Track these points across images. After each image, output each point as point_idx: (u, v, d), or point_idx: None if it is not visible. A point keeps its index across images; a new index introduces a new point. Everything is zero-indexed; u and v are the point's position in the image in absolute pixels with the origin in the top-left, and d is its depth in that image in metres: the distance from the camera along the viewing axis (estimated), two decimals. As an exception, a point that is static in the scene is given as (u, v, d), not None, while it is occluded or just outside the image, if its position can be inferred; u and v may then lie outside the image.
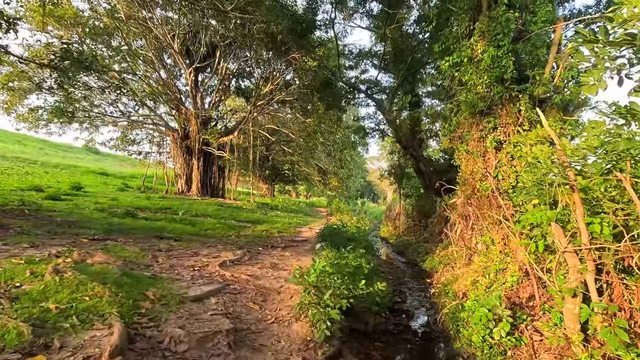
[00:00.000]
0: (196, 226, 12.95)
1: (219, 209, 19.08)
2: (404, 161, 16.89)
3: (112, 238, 7.72)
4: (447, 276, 8.38)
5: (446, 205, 10.64)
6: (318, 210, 39.32)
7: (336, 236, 11.11)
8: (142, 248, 6.95)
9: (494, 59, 6.25)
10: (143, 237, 8.49)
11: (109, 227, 9.18)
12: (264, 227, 15.01)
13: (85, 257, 5.21)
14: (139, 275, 4.78)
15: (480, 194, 6.45)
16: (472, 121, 6.96)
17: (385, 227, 22.05)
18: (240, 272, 5.95)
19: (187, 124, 25.55)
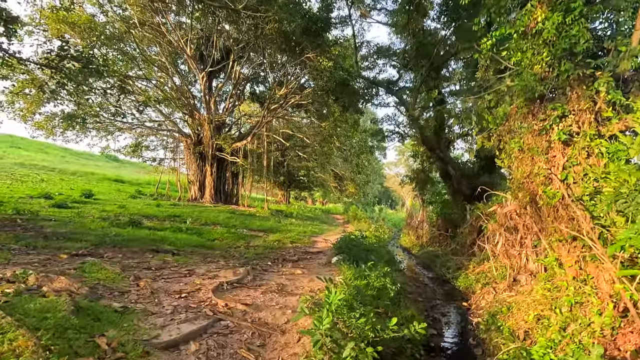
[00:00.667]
0: (203, 236, 11.93)
1: (231, 217, 18.09)
2: (428, 165, 15.47)
3: (99, 253, 6.69)
4: (487, 299, 6.96)
5: (481, 213, 9.21)
6: (334, 217, 37.99)
7: (355, 249, 9.82)
8: (127, 266, 5.87)
9: (559, 27, 4.90)
10: (137, 251, 7.45)
11: (103, 238, 8.20)
12: (276, 236, 13.87)
13: (44, 283, 4.14)
14: (102, 310, 3.65)
15: (544, 202, 5.07)
16: (527, 110, 5.61)
17: (407, 236, 20.54)
18: (238, 300, 4.77)
19: (201, 130, 24.87)
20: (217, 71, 26.21)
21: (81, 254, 6.39)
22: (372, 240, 14.09)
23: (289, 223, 20.74)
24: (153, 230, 11.11)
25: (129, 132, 27.12)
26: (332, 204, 62.86)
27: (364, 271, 7.46)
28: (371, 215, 32.43)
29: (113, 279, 4.93)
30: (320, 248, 12.50)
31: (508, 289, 6.65)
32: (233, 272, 6.21)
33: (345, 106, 19.27)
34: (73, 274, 4.84)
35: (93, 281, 4.69)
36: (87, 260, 5.64)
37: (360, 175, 31.27)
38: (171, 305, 4.26)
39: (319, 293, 5.44)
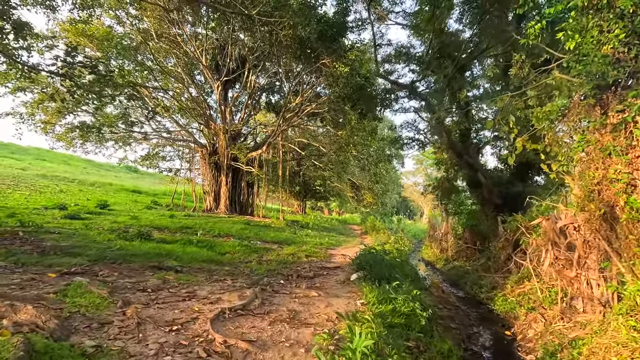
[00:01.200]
0: (214, 249, 11.22)
1: (245, 228, 17.41)
2: (453, 173, 14.37)
3: (94, 271, 6.02)
4: (536, 328, 5.88)
5: (520, 226, 8.14)
6: (351, 228, 36.89)
7: (376, 265, 8.87)
8: (119, 287, 5.16)
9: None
10: (137, 268, 6.75)
11: (104, 253, 7.57)
12: (291, 249, 13.04)
13: (6, 314, 3.43)
14: (66, 353, 2.88)
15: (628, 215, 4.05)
16: (595, 102, 4.63)
17: (429, 248, 19.33)
18: (241, 334, 3.94)
19: (216, 140, 24.54)
20: (232, 81, 25.99)
21: (73, 272, 5.72)
22: (393, 253, 13.08)
23: (305, 234, 19.89)
24: (161, 243, 10.49)
25: (145, 142, 27.14)
26: (348, 214, 61.69)
27: (388, 293, 6.52)
28: (390, 226, 31.22)
29: (97, 305, 4.19)
30: (337, 263, 11.58)
31: (562, 316, 5.57)
32: (239, 295, 5.40)
33: (362, 113, 18.47)
34: (51, 299, 4.13)
35: (72, 308, 3.97)
36: (74, 280, 4.95)
37: (379, 184, 30.20)
38: (157, 342, 3.46)
39: (338, 324, 4.56)
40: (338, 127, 22.50)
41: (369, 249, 11.03)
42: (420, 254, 21.00)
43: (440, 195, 16.00)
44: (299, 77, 22.19)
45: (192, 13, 20.75)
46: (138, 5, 19.20)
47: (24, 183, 23.10)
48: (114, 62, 17.79)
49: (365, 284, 7.33)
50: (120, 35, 19.12)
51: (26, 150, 43.34)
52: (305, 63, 18.82)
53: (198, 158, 25.84)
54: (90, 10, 18.39)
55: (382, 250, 11.98)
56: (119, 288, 5.09)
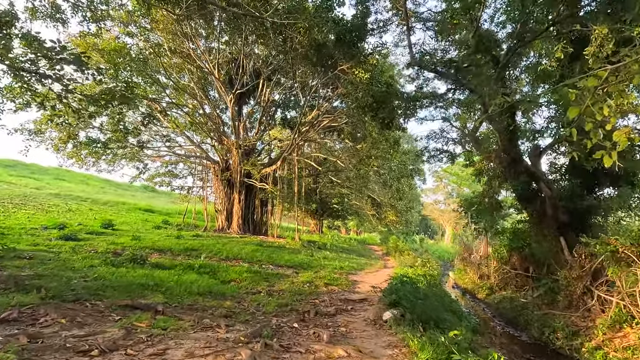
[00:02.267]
0: (217, 276, 9.48)
1: (257, 250, 15.65)
2: (496, 185, 12.28)
3: (35, 316, 4.34)
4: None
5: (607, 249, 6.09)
6: (371, 248, 34.56)
7: (416, 301, 6.89)
8: (52, 346, 3.42)
9: None
10: (103, 309, 5.05)
11: (72, 286, 5.94)
12: (307, 275, 11.15)
13: None
14: None
15: None
16: None
17: (463, 273, 17.00)
18: None
19: (229, 156, 23.24)
20: (246, 96, 24.94)
21: (3, 319, 4.05)
22: (426, 280, 11.03)
23: (322, 257, 17.94)
24: (154, 270, 8.82)
25: (158, 159, 26.16)
26: (367, 234, 59.12)
27: (442, 345, 4.55)
28: (414, 247, 28.81)
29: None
30: (363, 293, 9.59)
31: None
32: (232, 356, 3.57)
33: (384, 123, 16.73)
34: None
35: None
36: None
37: (402, 201, 28.05)
38: None
39: None
40: (357, 141, 20.81)
41: (401, 278, 9.05)
42: (452, 278, 18.63)
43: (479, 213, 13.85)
44: (315, 88, 20.84)
45: (204, 24, 19.89)
46: (149, 18, 18.49)
47: (33, 202, 22.21)
48: (123, 74, 16.82)
49: (406, 330, 5.38)
50: (129, 46, 18.23)
51: (46, 170, 43.46)
52: (321, 71, 17.40)
53: (211, 175, 24.51)
54: (100, 22, 17.66)
55: (416, 280, 9.99)
56: (48, 349, 3.36)
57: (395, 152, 19.82)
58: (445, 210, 63.25)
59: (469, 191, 53.99)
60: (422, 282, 10.51)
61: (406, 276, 9.12)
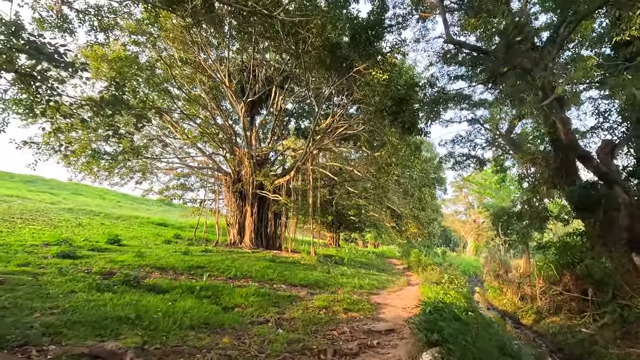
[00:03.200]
0: (219, 301, 8.18)
1: (269, 267, 14.33)
2: (544, 192, 10.58)
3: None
4: None
5: None
6: (391, 262, 32.63)
7: (460, 335, 5.38)
8: None
9: None
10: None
11: (37, 319, 4.76)
12: (323, 298, 9.68)
13: None
14: None
15: None
16: None
17: (497, 292, 15.12)
18: None
19: (241, 167, 22.23)
20: (259, 105, 24.09)
21: None
22: (462, 300, 9.44)
23: (340, 273, 16.41)
24: (147, 294, 7.60)
25: (171, 172, 25.47)
26: (385, 247, 56.99)
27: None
28: (439, 261, 26.83)
29: None
30: (389, 321, 8.07)
31: None
32: None
33: (404, 127, 15.35)
34: None
35: None
36: None
37: (425, 212, 26.22)
38: None
39: None
40: (375, 149, 19.42)
41: (435, 304, 7.51)
42: (484, 298, 16.73)
43: (511, 223, 12.14)
44: (329, 95, 19.72)
45: (214, 32, 19.19)
46: (158, 26, 17.91)
47: (44, 217, 21.68)
48: (129, 84, 16.11)
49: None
50: (137, 54, 17.58)
51: (65, 185, 43.70)
52: (336, 75, 16.24)
53: (223, 188, 23.52)
54: (108, 31, 17.10)
55: (452, 302, 8.43)
56: None
57: (417, 158, 18.32)
58: (467, 221, 60.58)
59: (492, 201, 51.44)
60: (460, 306, 8.90)
61: (442, 301, 7.57)
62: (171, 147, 24.24)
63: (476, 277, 28.87)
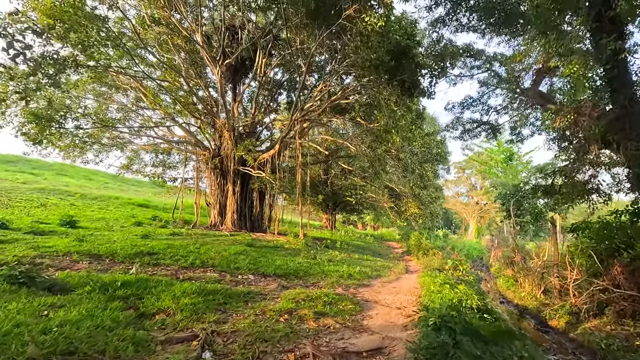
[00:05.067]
0: (143, 303, 5.81)
1: (241, 252, 12.00)
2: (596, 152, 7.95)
3: None
4: None
5: None
6: (390, 245, 30.40)
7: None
8: None
9: None
10: None
11: None
12: (293, 295, 7.31)
13: None
14: None
15: None
16: None
17: (509, 281, 12.78)
18: None
19: (221, 140, 19.66)
20: (243, 71, 21.30)
21: None
22: (474, 299, 7.05)
23: (328, 259, 14.11)
24: (31, 296, 5.24)
25: (148, 147, 22.97)
26: (385, 229, 54.88)
27: None
28: (441, 245, 24.50)
29: None
30: (376, 331, 5.69)
31: None
32: None
33: (404, 87, 12.67)
34: None
35: None
36: None
37: (426, 190, 23.59)
38: None
39: None
40: (370, 119, 16.75)
41: (441, 312, 5.10)
42: (492, 286, 14.42)
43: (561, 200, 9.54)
44: (317, 46, 16.91)
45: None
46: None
47: (2, 197, 19.38)
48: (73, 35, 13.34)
49: None
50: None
51: (50, 166, 41.37)
52: (323, 24, 13.41)
53: (203, 164, 21.00)
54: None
55: (466, 310, 6.05)
56: None
57: (418, 128, 15.67)
58: (469, 203, 58.21)
59: (498, 180, 48.92)
60: (475, 307, 6.57)
61: (451, 306, 5.16)
62: (147, 118, 21.68)
63: (480, 261, 26.65)
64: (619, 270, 7.01)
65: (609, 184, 8.19)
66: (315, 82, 21.41)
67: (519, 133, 12.77)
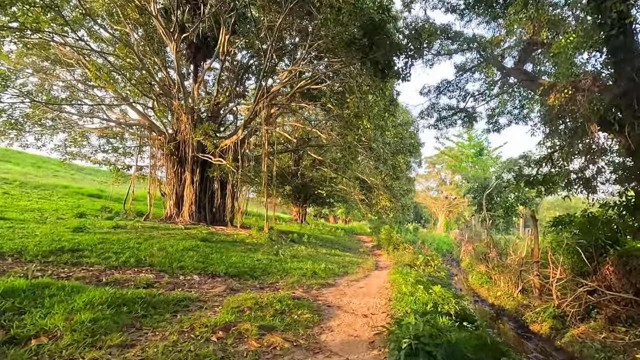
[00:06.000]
0: (21, 320, 4.25)
1: (192, 248, 10.46)
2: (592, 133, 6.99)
3: None
4: None
5: None
6: (360, 239, 29.58)
7: None
8: None
9: None
10: None
11: None
12: (237, 303, 5.93)
13: None
14: None
15: None
16: None
17: (483, 278, 12.06)
18: None
19: (179, 124, 17.73)
20: (205, 50, 19.33)
21: None
22: (450, 304, 6.04)
23: (292, 255, 12.81)
24: None
25: (99, 132, 20.55)
26: (355, 223, 54.42)
27: None
28: (408, 238, 23.85)
29: None
30: (335, 352, 4.47)
31: None
32: None
33: (378, 68, 11.48)
34: None
35: None
36: None
37: (399, 181, 22.69)
38: None
39: None
40: (342, 103, 15.47)
41: (417, 330, 3.91)
42: (465, 283, 13.72)
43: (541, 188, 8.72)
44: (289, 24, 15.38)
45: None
46: None
47: None
48: None
49: None
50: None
51: (-6, 151, 37.12)
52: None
53: (160, 153, 18.91)
54: None
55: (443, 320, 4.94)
56: None
57: (392, 115, 14.59)
58: (438, 197, 58.91)
59: (464, 175, 49.62)
60: (454, 314, 5.51)
61: (429, 323, 4.00)
62: (96, 99, 19.28)
63: (450, 255, 26.39)
64: (611, 269, 6.24)
65: (600, 172, 7.45)
66: (285, 67, 19.86)
67: (495, 122, 12.03)
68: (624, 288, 6.04)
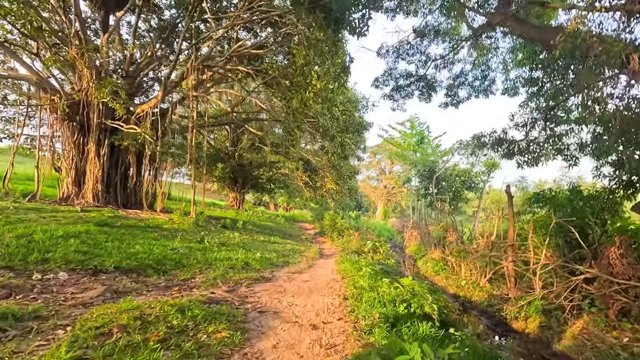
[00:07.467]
0: None
1: (77, 234, 7.53)
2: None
3: None
4: None
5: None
6: (302, 227, 27.82)
7: None
8: None
9: None
10: None
11: None
12: (110, 314, 3.55)
13: None
14: None
15: None
16: None
17: (439, 265, 10.96)
18: None
19: (81, 83, 13.88)
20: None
21: None
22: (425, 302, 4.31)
23: (221, 242, 10.39)
24: None
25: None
26: (297, 211, 52.77)
27: None
28: (353, 224, 22.64)
29: None
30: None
31: None
32: None
33: (328, 18, 9.48)
34: None
35: None
36: None
37: (347, 160, 20.98)
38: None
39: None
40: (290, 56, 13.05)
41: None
42: (414, 270, 12.60)
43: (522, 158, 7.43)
44: None
45: None
46: None
47: None
48: None
49: None
50: None
51: None
52: None
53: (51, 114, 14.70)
54: None
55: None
56: None
57: (342, 86, 12.73)
58: (377, 186, 59.86)
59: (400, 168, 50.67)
60: (435, 318, 3.76)
61: (399, 338, 2.16)
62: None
63: (392, 242, 25.92)
64: (618, 253, 5.13)
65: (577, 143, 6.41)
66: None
67: (455, 94, 10.88)
68: (624, 274, 5.00)
